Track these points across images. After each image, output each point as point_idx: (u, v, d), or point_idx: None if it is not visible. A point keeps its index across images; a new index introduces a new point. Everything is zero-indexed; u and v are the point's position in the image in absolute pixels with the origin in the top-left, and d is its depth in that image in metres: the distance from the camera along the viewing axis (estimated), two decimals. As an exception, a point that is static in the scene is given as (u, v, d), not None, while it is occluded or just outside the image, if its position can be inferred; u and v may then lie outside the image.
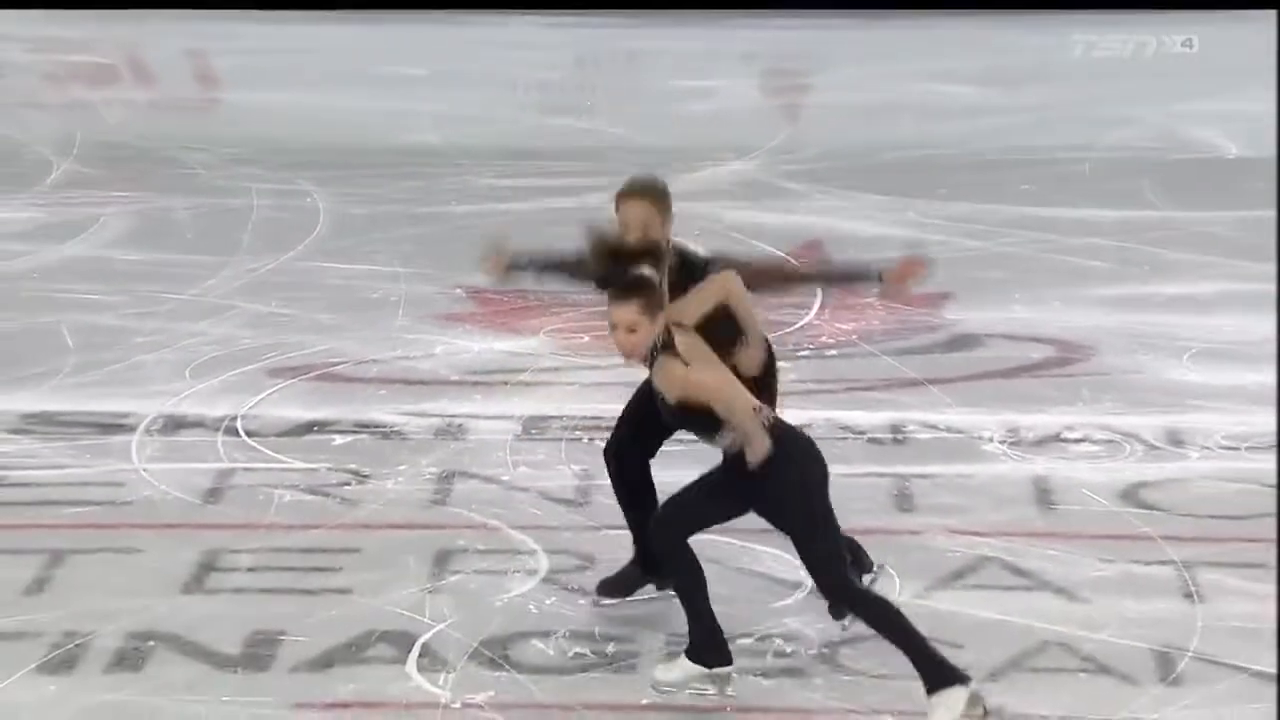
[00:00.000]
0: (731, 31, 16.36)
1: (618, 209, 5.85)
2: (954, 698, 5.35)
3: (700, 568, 5.56)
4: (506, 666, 5.78)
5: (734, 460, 5.36)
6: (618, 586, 6.13)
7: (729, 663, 5.61)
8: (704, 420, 5.37)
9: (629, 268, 5.52)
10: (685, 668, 5.61)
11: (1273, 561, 6.40)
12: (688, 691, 5.55)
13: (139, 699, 5.62)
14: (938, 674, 5.38)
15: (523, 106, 14.69)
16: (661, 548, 5.54)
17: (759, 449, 5.24)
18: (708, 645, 5.59)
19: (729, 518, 5.57)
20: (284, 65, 15.69)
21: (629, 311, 5.35)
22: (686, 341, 5.39)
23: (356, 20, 17.14)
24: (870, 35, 15.69)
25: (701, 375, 5.31)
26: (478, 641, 5.91)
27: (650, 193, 5.82)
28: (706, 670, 5.60)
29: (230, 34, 15.82)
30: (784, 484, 5.37)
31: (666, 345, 5.38)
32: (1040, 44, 15.41)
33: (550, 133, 13.88)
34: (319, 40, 16.81)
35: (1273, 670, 5.70)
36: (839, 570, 5.41)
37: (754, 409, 5.29)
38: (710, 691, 5.55)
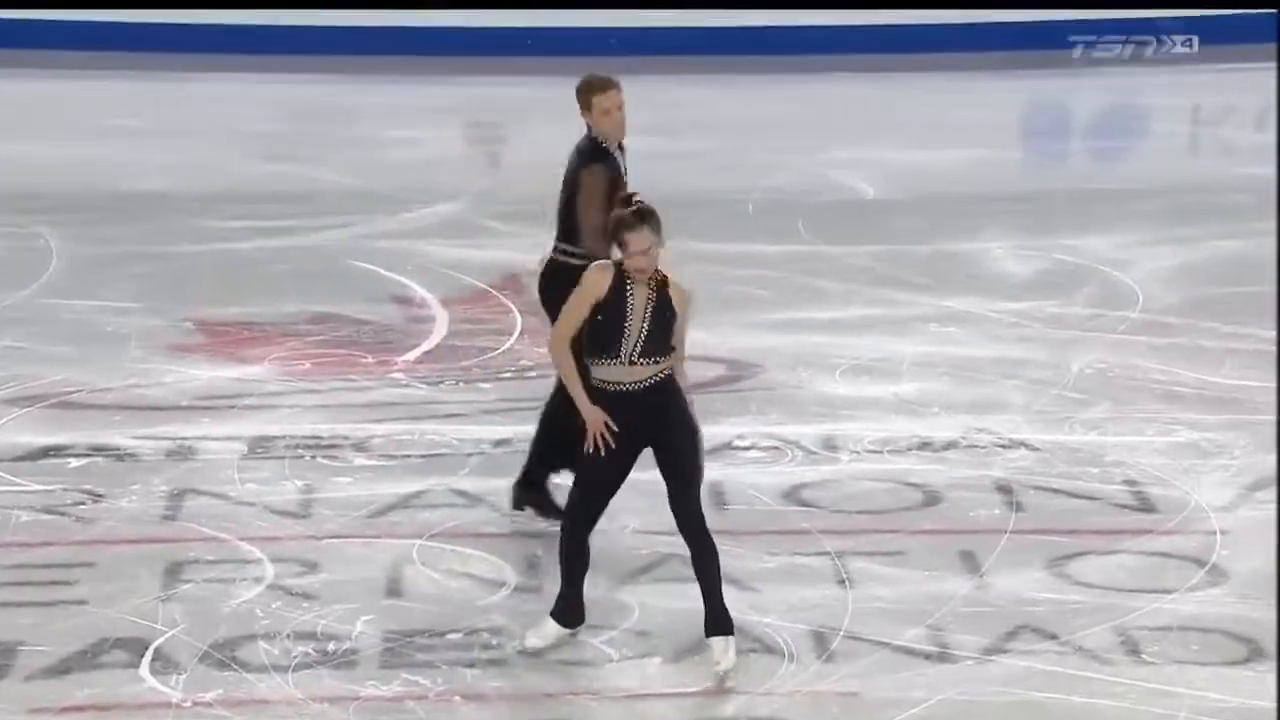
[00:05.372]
0: (437, 88, 16.28)
1: (599, 95, 6.38)
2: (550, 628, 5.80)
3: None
4: (234, 666, 5.64)
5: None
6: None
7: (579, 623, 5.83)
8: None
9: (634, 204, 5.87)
10: (552, 628, 5.79)
11: (912, 548, 6.61)
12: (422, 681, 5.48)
13: (-122, 712, 5.32)
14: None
15: (243, 155, 14.39)
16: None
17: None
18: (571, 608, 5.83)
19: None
20: (13, 118, 15.10)
21: (646, 237, 5.76)
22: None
23: (83, 75, 16.59)
24: (558, 94, 15.76)
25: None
26: (207, 644, 5.76)
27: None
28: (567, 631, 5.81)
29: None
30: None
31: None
32: (700, 97, 15.72)
33: (269, 178, 13.63)
34: (47, 93, 16.22)
35: (912, 645, 5.88)
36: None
37: None
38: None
